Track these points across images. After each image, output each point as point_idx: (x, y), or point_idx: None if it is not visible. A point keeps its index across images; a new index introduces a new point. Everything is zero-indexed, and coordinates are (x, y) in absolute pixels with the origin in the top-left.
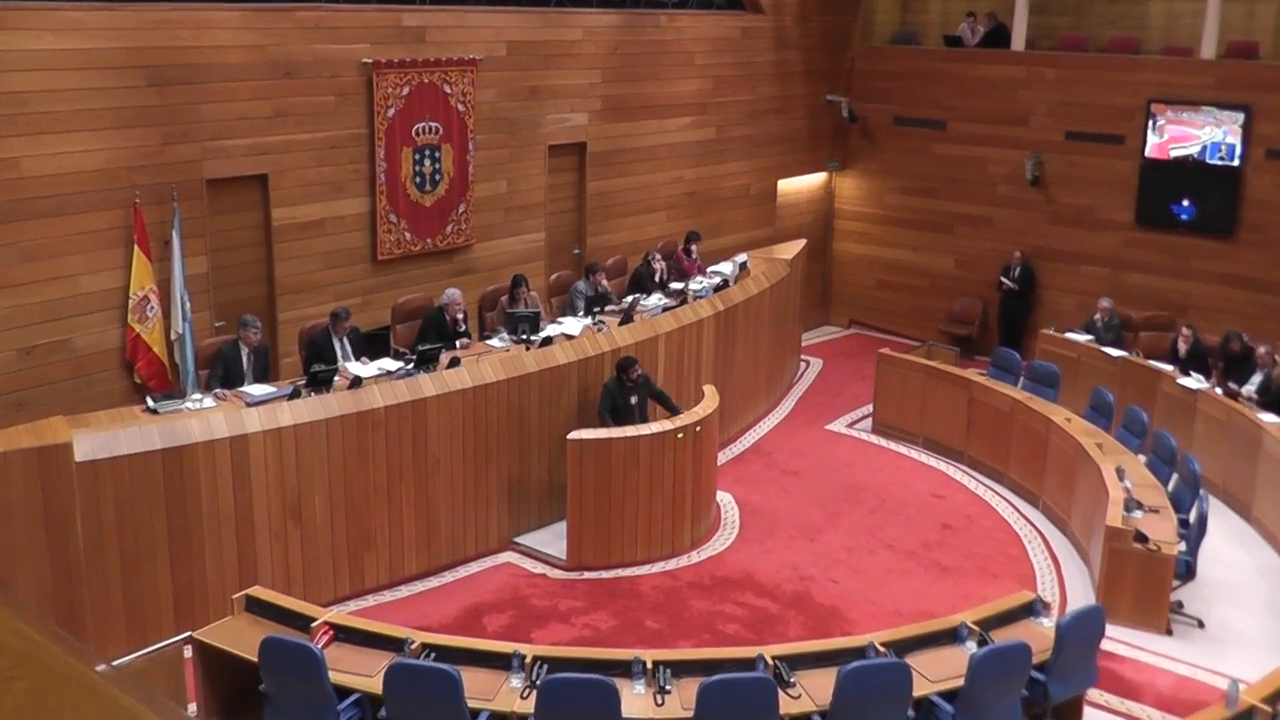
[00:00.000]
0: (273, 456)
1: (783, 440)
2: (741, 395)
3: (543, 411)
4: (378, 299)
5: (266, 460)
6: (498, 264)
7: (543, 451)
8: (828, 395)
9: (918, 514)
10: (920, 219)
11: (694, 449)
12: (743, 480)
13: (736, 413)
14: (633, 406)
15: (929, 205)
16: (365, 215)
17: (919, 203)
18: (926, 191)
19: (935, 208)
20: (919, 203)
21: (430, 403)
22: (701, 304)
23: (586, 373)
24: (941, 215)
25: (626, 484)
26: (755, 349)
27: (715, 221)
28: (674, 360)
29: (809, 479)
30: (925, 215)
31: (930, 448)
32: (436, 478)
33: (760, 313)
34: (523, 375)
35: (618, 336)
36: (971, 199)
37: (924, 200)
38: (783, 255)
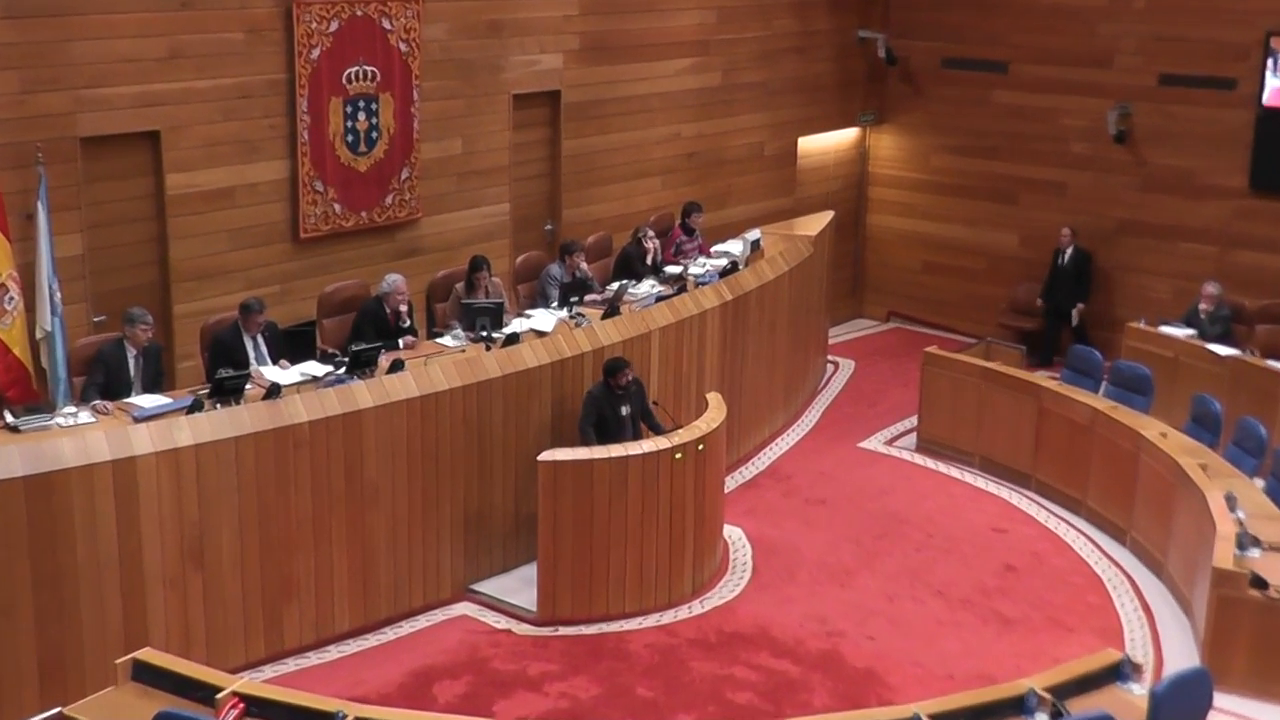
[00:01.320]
0: (168, 484)
1: (805, 461)
2: (754, 405)
3: (508, 427)
4: (300, 287)
5: (160, 489)
6: (450, 244)
7: (507, 476)
8: (861, 405)
9: (974, 553)
10: (976, 186)
11: (696, 473)
12: (756, 511)
13: (748, 427)
14: (623, 419)
15: (987, 168)
16: (284, 183)
17: (974, 165)
18: (984, 151)
19: (995, 171)
20: (974, 165)
21: (367, 416)
22: (704, 292)
23: (563, 378)
24: (1003, 181)
25: (613, 516)
26: (771, 348)
27: (721, 190)
28: (670, 362)
29: (838, 509)
30: (982, 181)
31: (989, 470)
32: (375, 510)
33: (777, 303)
34: (482, 382)
35: (601, 333)
36: (1040, 160)
37: (981, 162)
38: (805, 231)
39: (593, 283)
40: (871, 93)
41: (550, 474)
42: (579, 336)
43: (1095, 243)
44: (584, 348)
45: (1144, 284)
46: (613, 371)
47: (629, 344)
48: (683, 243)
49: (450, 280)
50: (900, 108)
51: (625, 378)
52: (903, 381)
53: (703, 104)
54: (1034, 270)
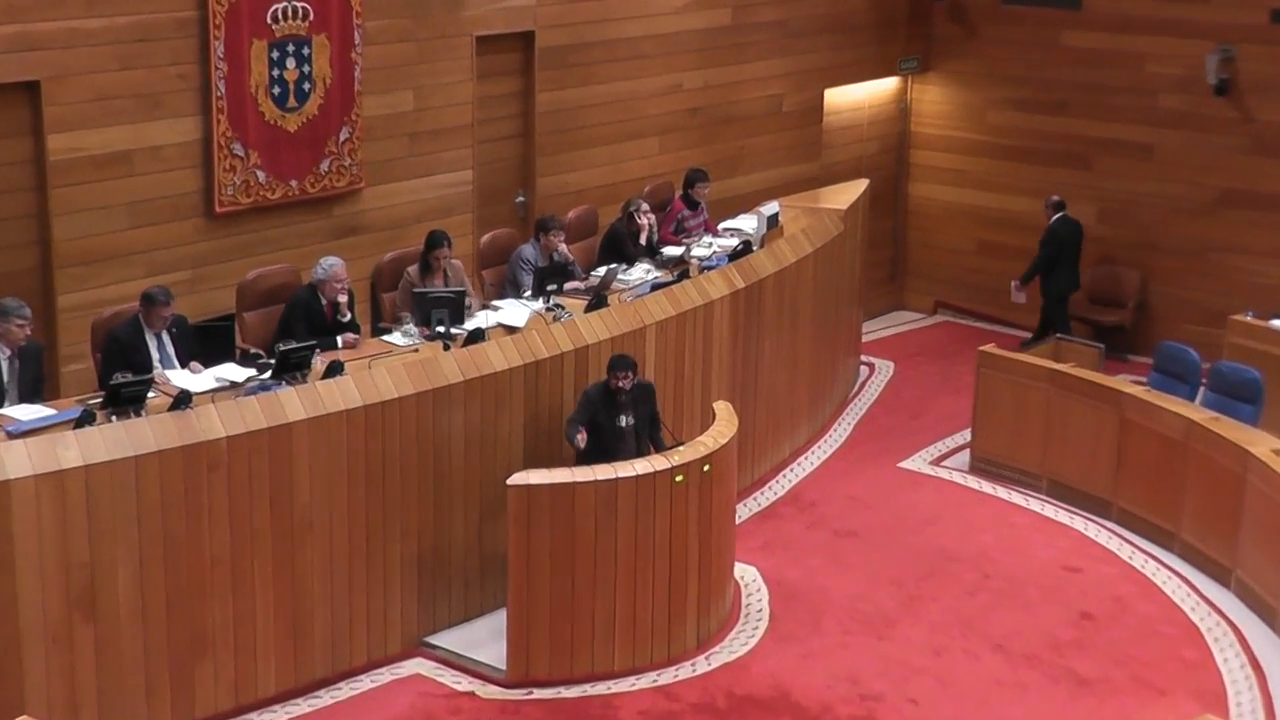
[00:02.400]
0: (50, 515)
1: (834, 485)
2: (772, 417)
3: (471, 444)
4: (216, 273)
5: (41, 522)
6: (400, 220)
7: (470, 505)
8: (902, 416)
9: (1041, 597)
10: (1042, 148)
11: (701, 499)
12: (774, 546)
13: (764, 444)
14: (621, 431)
15: (1056, 127)
16: (195, 145)
17: (1040, 123)
18: (1052, 106)
19: (1066, 130)
20: (1040, 123)
21: (298, 431)
22: (711, 279)
23: (538, 384)
24: (1075, 142)
25: (600, 553)
26: (792, 347)
27: (731, 153)
28: (669, 365)
29: (874, 543)
30: (1050, 142)
31: (1059, 495)
32: (308, 546)
33: (799, 292)
34: (440, 389)
35: (585, 329)
36: (1121, 117)
37: (1048, 119)
38: (833, 205)
39: (574, 267)
40: (915, 35)
41: (523, 501)
42: (557, 333)
43: (1190, 219)
44: (563, 347)
45: (1251, 268)
46: (610, 368)
47: (618, 341)
48: (684, 218)
49: (400, 264)
50: (950, 53)
51: (623, 380)
52: (953, 387)
53: (709, 48)
54: (1115, 252)
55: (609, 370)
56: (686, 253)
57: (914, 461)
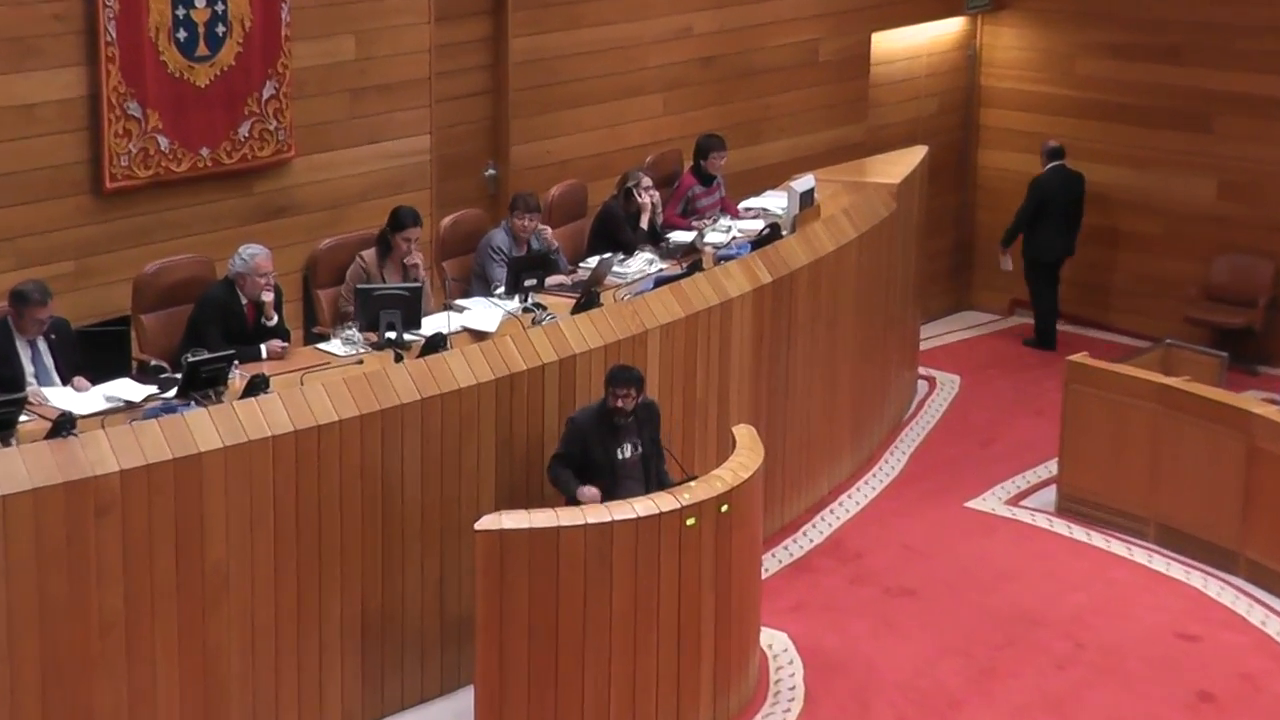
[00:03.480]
0: None
1: (886, 530)
2: (806, 445)
3: (429, 479)
4: (106, 265)
5: None
6: (339, 198)
7: (428, 555)
8: (970, 443)
9: (1148, 673)
10: (1148, 105)
11: (718, 548)
12: (810, 607)
13: (797, 478)
14: (623, 464)
15: (1165, 78)
16: (79, 103)
17: (1145, 74)
18: (1160, 52)
19: (1178, 83)
20: (1145, 74)
21: (211, 464)
22: (730, 271)
23: (512, 404)
24: (1190, 98)
25: (590, 616)
26: (831, 357)
27: (754, 114)
28: (678, 380)
29: (935, 604)
30: (1158, 98)
31: (1171, 543)
32: (222, 609)
33: (840, 288)
34: (390, 410)
35: (571, 335)
36: (1251, 64)
37: (1155, 69)
38: (883, 178)
39: (558, 257)
40: None
41: (494, 550)
42: (537, 340)
43: None
44: (545, 357)
45: None
46: (608, 383)
47: (613, 351)
48: (696, 196)
49: (339, 254)
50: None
51: (624, 398)
52: (1034, 407)
53: None
54: (1242, 237)
55: (608, 385)
56: (699, 239)
57: (986, 501)
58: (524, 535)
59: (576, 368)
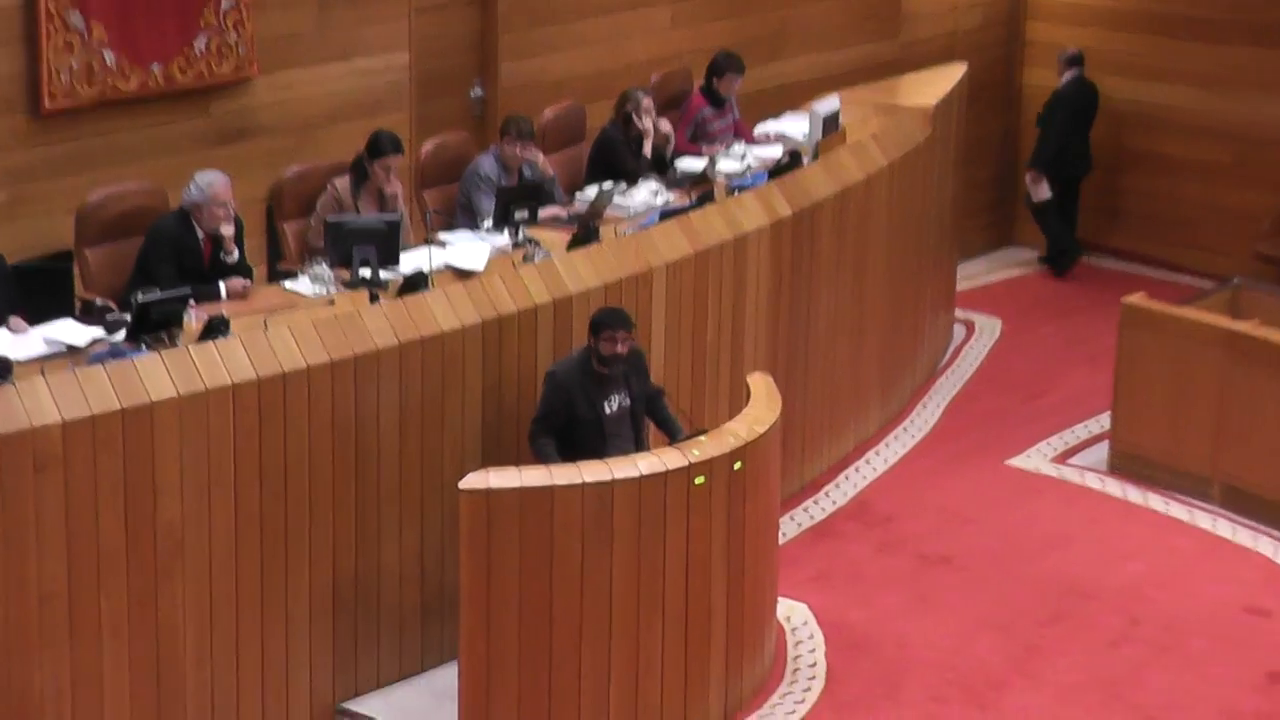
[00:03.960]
0: None
1: (919, 491)
2: (830, 396)
3: (408, 434)
4: (46, 195)
5: None
6: (307, 120)
7: (407, 517)
8: (1014, 395)
9: (1213, 651)
10: (1217, 18)
11: (731, 510)
12: (833, 576)
13: (820, 433)
14: (610, 418)
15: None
16: (12, 13)
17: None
18: None
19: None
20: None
21: (164, 415)
22: (745, 204)
23: (501, 350)
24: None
25: (589, 586)
26: (858, 298)
27: (772, 27)
28: (686, 323)
29: (974, 574)
30: (1228, 9)
31: (1238, 506)
32: (176, 578)
33: (870, 222)
34: (364, 356)
35: (567, 273)
36: None
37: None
38: (917, 100)
39: (553, 187)
40: None
41: (480, 513)
42: (529, 279)
43: None
44: (538, 298)
45: None
46: (602, 326)
47: (613, 291)
48: (707, 119)
49: (307, 182)
50: None
51: (617, 343)
52: (1085, 354)
53: None
54: None
55: (595, 331)
56: (709, 167)
57: (1031, 459)
58: (514, 496)
59: (573, 310)
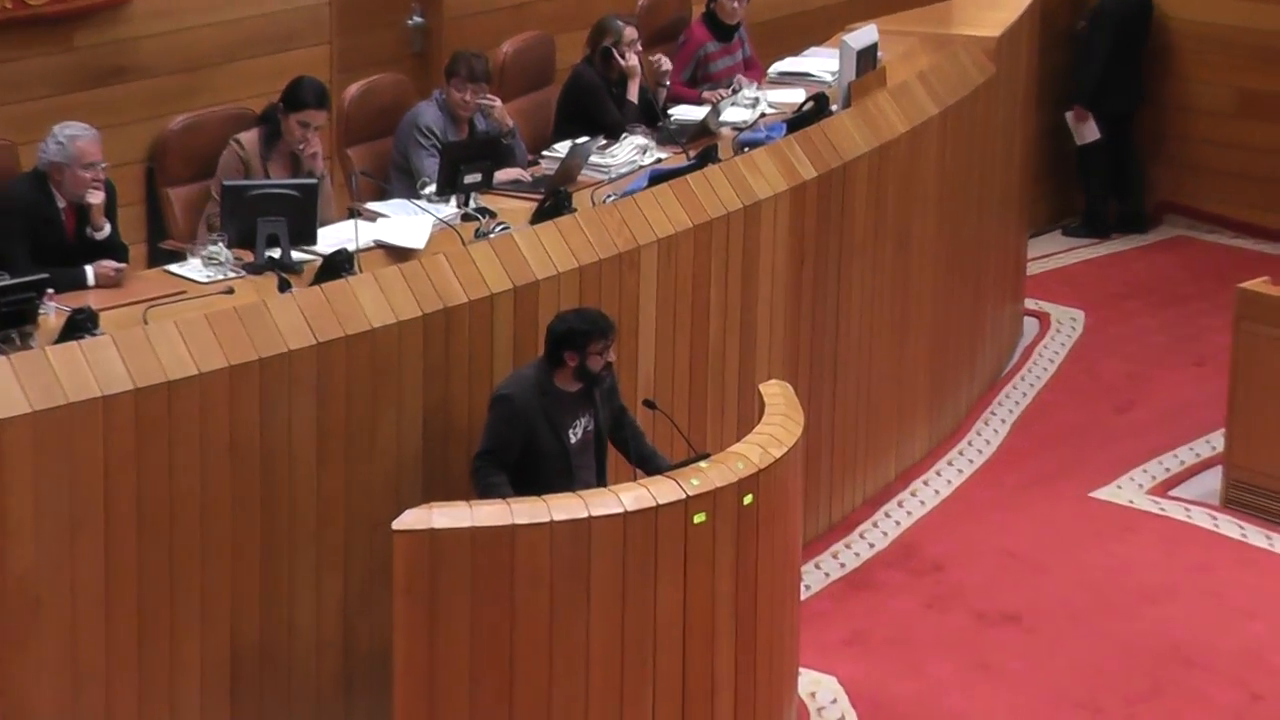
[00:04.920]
0: None
1: (978, 529)
2: (866, 409)
3: (329, 456)
4: None
5: None
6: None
7: (327, 563)
8: (1100, 406)
9: None
10: None
11: (739, 555)
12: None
13: (853, 456)
14: (572, 449)
15: None
16: None
17: None
18: None
19: None
20: None
21: (12, 434)
22: (758, 162)
23: (448, 351)
24: None
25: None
26: (901, 284)
27: None
28: (681, 316)
29: (1049, 635)
30: None
31: None
32: (30, 646)
33: (916, 186)
34: (271, 360)
35: (530, 253)
36: None
37: None
38: (976, 29)
39: (513, 141)
40: None
41: (420, 559)
42: (484, 260)
43: None
44: (494, 284)
45: None
46: (581, 340)
47: (590, 276)
48: (709, 56)
49: (198, 137)
50: None
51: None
52: (1190, 354)
53: None
54: None
55: (572, 344)
56: (712, 116)
57: (1122, 489)
58: (464, 537)
59: (539, 300)
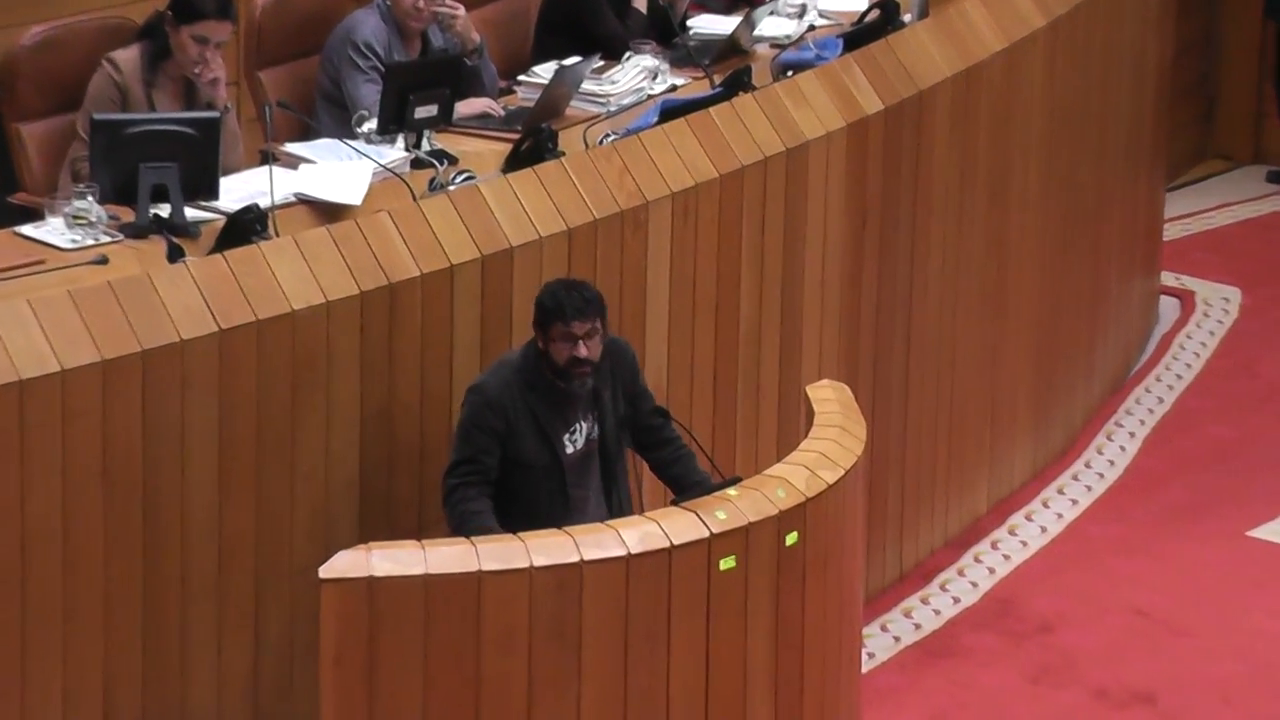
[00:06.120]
0: None
1: (1098, 579)
2: (948, 420)
3: (232, 483)
4: None
5: None
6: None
7: (231, 624)
8: (1258, 417)
9: None
10: None
11: (778, 610)
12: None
13: (930, 483)
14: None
15: None
16: None
17: None
18: None
19: None
20: None
21: None
22: (802, 91)
23: (392, 345)
24: None
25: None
26: (995, 253)
27: None
28: (702, 294)
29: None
30: None
31: None
32: None
33: (1016, 123)
34: (158, 351)
35: (504, 212)
36: None
37: None
38: None
39: (480, 62)
40: None
41: (356, 616)
42: (440, 221)
43: None
44: (455, 253)
45: None
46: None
47: (583, 239)
48: None
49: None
50: None
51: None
52: None
53: None
54: None
55: (547, 321)
56: (744, 29)
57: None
58: (414, 588)
59: (514, 274)
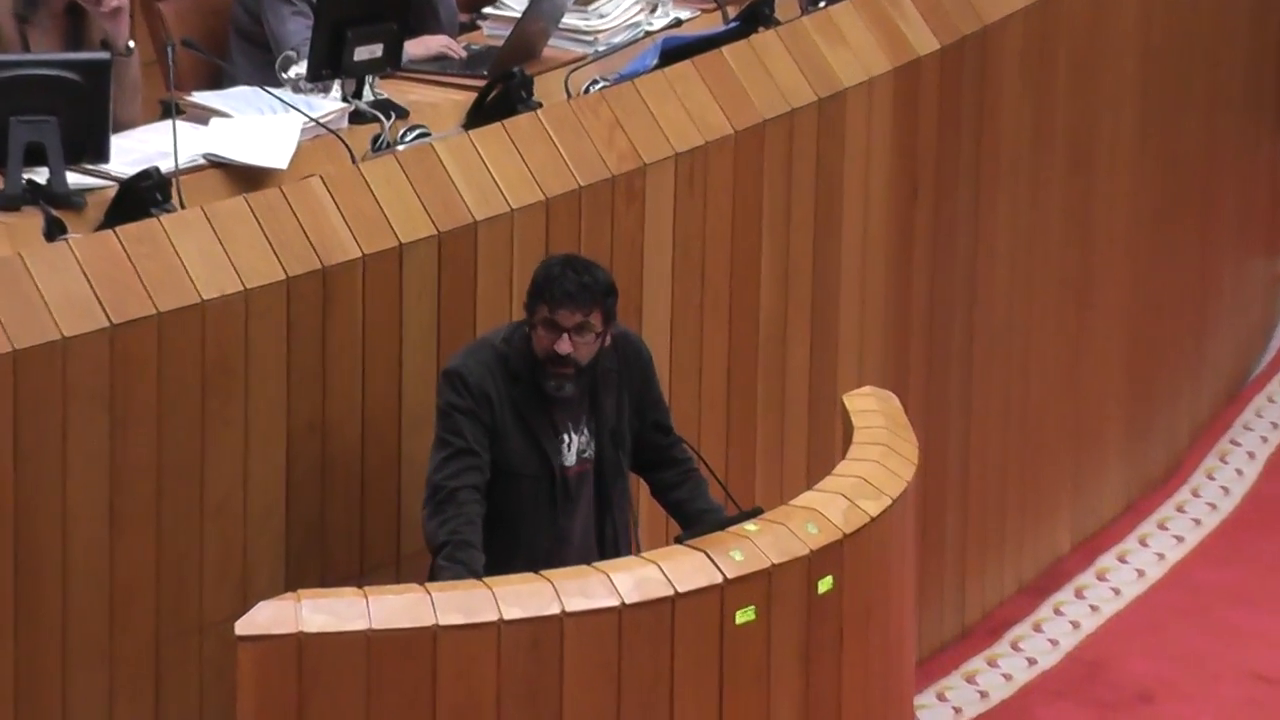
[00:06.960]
0: None
1: (1205, 635)
2: (1019, 437)
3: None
4: None
5: None
6: None
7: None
8: None
9: None
10: None
11: (809, 671)
12: None
13: (999, 516)
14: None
15: None
16: None
17: None
18: None
19: None
20: None
21: None
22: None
23: (325, 343)
24: None
25: None
26: (1078, 231)
27: None
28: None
29: None
30: None
31: None
32: None
33: (1103, 70)
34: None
35: (466, 179)
36: None
37: None
38: None
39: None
40: None
41: (281, 681)
42: (387, 189)
43: None
44: (405, 230)
45: None
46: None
47: (563, 211)
48: None
49: None
50: None
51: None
52: None
53: None
54: None
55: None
56: None
57: None
58: (354, 646)
59: (478, 253)
